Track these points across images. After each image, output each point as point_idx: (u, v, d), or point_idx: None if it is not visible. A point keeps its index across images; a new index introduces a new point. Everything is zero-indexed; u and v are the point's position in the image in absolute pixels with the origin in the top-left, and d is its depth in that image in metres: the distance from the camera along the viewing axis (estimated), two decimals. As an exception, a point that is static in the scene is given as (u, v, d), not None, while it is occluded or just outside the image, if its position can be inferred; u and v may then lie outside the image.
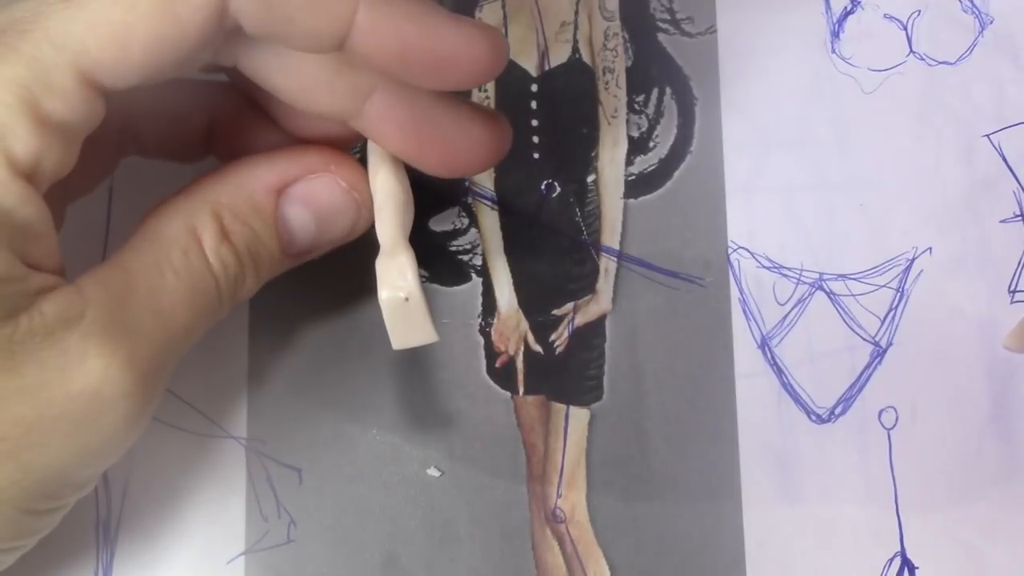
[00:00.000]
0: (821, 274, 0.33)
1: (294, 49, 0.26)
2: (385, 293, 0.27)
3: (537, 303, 0.33)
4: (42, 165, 0.24)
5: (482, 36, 0.25)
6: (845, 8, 0.35)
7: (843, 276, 0.33)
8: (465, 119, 0.28)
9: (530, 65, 0.34)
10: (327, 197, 0.29)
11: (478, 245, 0.34)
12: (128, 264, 0.26)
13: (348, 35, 0.24)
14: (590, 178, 0.34)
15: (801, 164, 0.34)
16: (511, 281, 0.33)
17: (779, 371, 0.33)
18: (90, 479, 0.27)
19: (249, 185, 0.28)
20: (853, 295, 0.33)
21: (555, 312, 0.33)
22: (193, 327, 0.27)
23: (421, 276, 0.33)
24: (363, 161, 0.29)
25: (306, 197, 0.29)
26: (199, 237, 0.27)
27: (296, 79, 0.27)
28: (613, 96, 0.34)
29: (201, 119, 0.30)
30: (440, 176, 0.28)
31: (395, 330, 0.28)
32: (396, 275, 0.27)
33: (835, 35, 0.35)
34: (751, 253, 0.33)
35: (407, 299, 0.27)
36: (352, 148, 0.30)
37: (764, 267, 0.33)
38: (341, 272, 0.32)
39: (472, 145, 0.28)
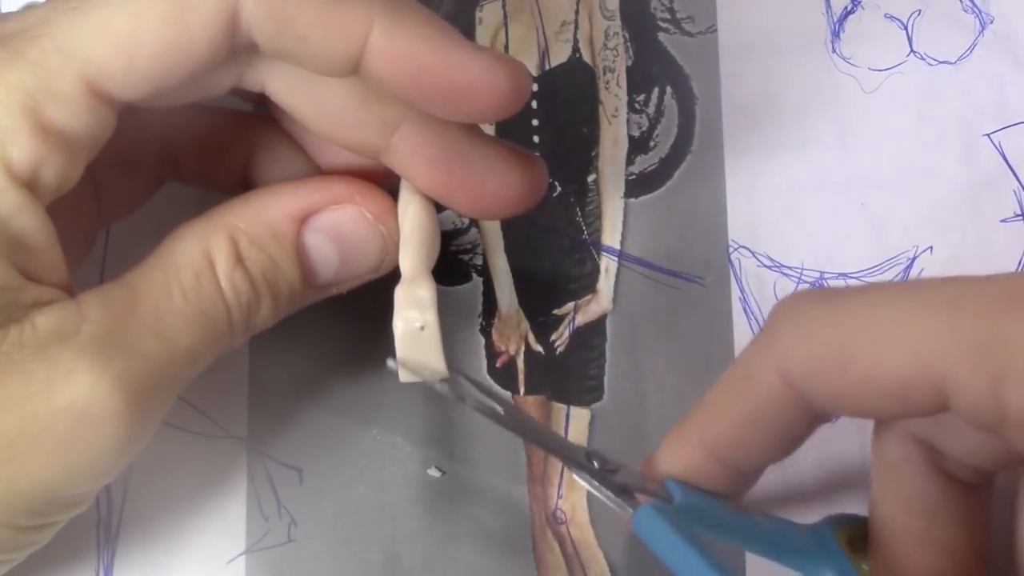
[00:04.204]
0: (822, 273, 0.33)
1: (309, 70, 0.25)
2: (400, 323, 0.26)
3: (538, 303, 0.33)
4: (42, 174, 0.24)
5: (502, 67, 0.24)
6: (845, 8, 0.35)
7: (844, 275, 0.33)
8: (498, 159, 0.27)
9: (530, 65, 0.34)
10: (351, 228, 0.28)
11: (479, 245, 0.34)
12: (136, 284, 0.26)
13: (362, 57, 0.24)
14: (590, 178, 0.34)
15: (801, 164, 0.34)
16: (511, 281, 0.33)
17: (779, 371, 0.33)
18: (81, 498, 0.27)
19: (269, 211, 0.27)
20: (853, 295, 0.33)
21: (556, 312, 0.33)
22: (199, 352, 0.26)
23: None
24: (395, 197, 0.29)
25: (329, 227, 0.28)
26: (212, 261, 0.26)
27: (321, 106, 0.26)
28: (613, 95, 0.34)
29: (240, 149, 0.30)
30: (472, 216, 0.28)
31: (406, 362, 0.27)
32: (414, 305, 0.26)
33: (835, 35, 0.35)
34: (752, 252, 0.33)
35: (422, 328, 0.26)
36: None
37: (765, 266, 0.33)
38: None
39: (504, 187, 0.27)
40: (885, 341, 0.22)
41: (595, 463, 0.26)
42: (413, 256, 0.28)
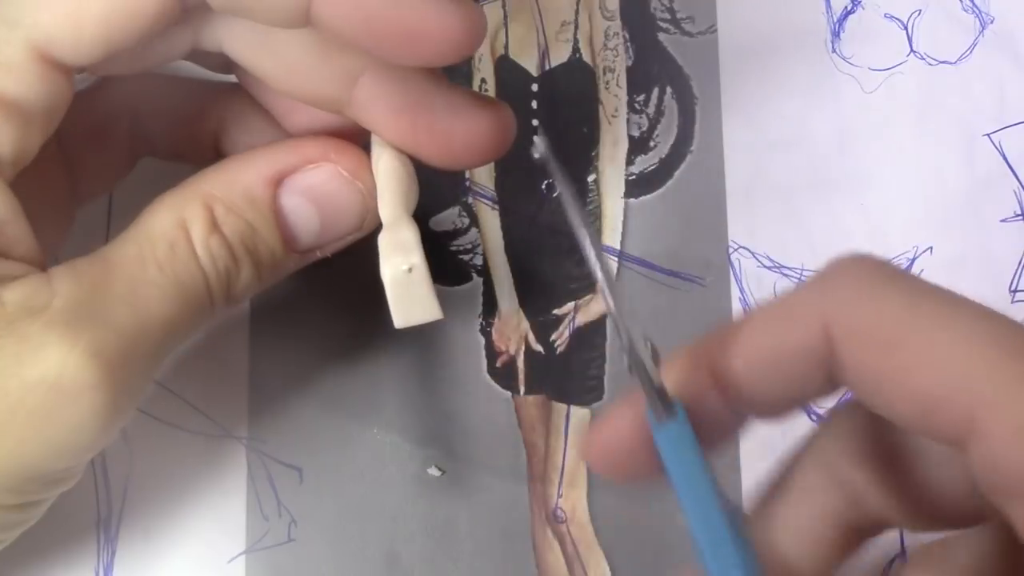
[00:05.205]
0: (821, 273, 0.33)
1: (260, 23, 0.25)
2: (387, 268, 0.26)
3: (538, 303, 0.33)
4: None
5: (453, 7, 0.24)
6: (845, 8, 0.35)
7: (843, 275, 0.33)
8: (463, 106, 0.27)
9: (530, 64, 0.34)
10: (329, 187, 0.28)
11: (479, 245, 0.34)
12: (110, 257, 0.25)
13: (311, 6, 0.23)
14: (590, 178, 0.34)
15: (801, 164, 0.34)
16: (512, 281, 0.33)
17: (779, 371, 0.33)
18: (65, 474, 0.26)
19: (243, 176, 0.27)
20: (853, 295, 0.33)
21: (556, 311, 0.33)
22: (177, 321, 0.26)
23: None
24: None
25: (306, 188, 0.27)
26: (188, 229, 0.26)
27: (280, 61, 0.26)
28: (613, 96, 0.34)
29: (211, 119, 0.30)
30: (442, 166, 0.27)
31: (397, 306, 0.26)
32: (399, 249, 0.26)
33: (835, 35, 0.35)
34: (752, 253, 0.33)
35: (410, 270, 0.26)
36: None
37: (765, 267, 0.33)
38: (342, 271, 0.32)
39: (471, 134, 0.27)
40: (942, 346, 0.20)
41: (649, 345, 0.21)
42: (391, 203, 0.27)
